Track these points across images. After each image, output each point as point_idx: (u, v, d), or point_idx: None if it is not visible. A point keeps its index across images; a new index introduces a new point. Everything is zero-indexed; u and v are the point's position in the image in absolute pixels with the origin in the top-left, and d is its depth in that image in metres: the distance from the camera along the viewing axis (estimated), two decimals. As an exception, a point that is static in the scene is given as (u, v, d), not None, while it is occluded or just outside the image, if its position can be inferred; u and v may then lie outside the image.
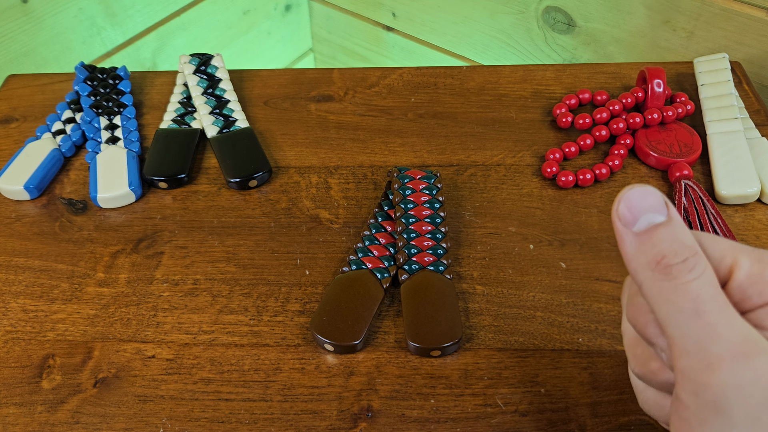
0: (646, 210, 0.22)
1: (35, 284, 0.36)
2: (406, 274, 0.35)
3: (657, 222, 0.22)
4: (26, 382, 0.32)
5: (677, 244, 0.21)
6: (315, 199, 0.41)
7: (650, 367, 0.24)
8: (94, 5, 0.62)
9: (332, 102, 0.48)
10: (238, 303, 0.35)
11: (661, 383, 0.24)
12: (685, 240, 0.21)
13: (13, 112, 0.48)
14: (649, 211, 0.22)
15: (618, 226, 0.22)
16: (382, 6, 0.76)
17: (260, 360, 0.32)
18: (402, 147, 0.44)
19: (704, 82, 0.45)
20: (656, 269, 0.21)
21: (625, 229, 0.22)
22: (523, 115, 0.46)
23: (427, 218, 0.37)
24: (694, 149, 0.41)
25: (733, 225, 0.38)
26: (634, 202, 0.22)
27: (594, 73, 0.49)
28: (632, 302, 0.24)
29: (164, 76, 0.51)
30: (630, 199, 0.22)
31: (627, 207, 0.22)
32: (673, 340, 0.21)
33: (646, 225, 0.22)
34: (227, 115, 0.45)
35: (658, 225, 0.22)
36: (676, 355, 0.21)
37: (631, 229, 0.22)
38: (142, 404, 0.31)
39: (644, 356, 0.25)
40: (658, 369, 0.24)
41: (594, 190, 0.40)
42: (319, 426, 0.30)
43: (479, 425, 0.30)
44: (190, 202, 0.41)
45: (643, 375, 0.25)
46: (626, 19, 0.57)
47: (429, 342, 0.31)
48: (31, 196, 0.41)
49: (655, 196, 0.22)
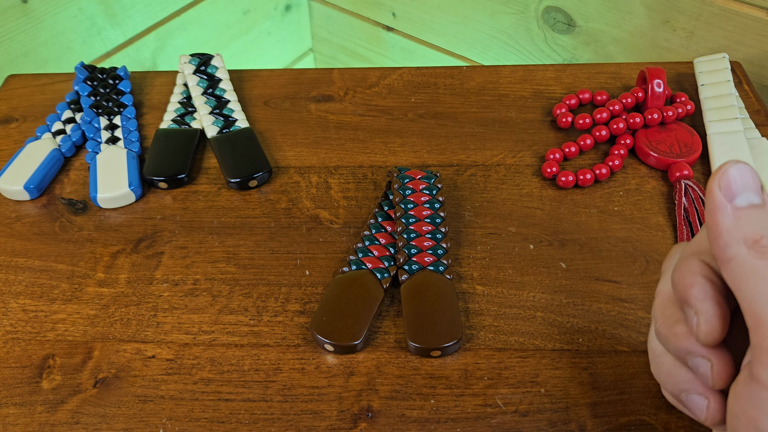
0: (747, 189, 0.22)
1: (35, 284, 0.36)
2: (406, 275, 0.35)
3: (755, 203, 0.22)
4: (26, 383, 0.32)
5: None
6: (315, 199, 0.41)
7: (676, 330, 0.24)
8: (94, 5, 0.62)
9: (332, 102, 0.48)
10: (238, 303, 0.35)
11: (680, 349, 0.24)
12: None
13: (13, 112, 0.48)
14: (750, 190, 0.22)
15: (718, 196, 0.22)
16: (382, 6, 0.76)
17: (260, 360, 0.32)
18: (402, 147, 0.44)
19: (704, 82, 0.45)
20: (753, 246, 0.21)
21: (725, 202, 0.22)
22: (523, 115, 0.46)
23: (427, 218, 0.37)
24: (694, 149, 0.41)
25: (733, 225, 0.38)
26: (738, 178, 0.22)
27: (594, 73, 0.49)
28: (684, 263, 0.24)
29: (164, 76, 0.51)
30: (734, 174, 0.22)
31: (730, 180, 0.22)
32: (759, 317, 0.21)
33: (746, 203, 0.22)
34: (227, 115, 0.45)
35: (757, 205, 0.22)
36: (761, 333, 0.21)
37: (731, 202, 0.22)
38: (142, 404, 0.31)
39: (673, 317, 0.25)
40: (682, 334, 0.24)
41: (594, 190, 0.40)
42: (319, 426, 0.30)
43: (479, 425, 0.30)
44: (190, 202, 0.41)
45: (667, 337, 0.25)
46: (626, 19, 0.57)
47: (429, 342, 0.31)
48: (31, 196, 0.41)
49: (755, 178, 0.22)
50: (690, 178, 0.39)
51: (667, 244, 0.37)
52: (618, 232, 0.38)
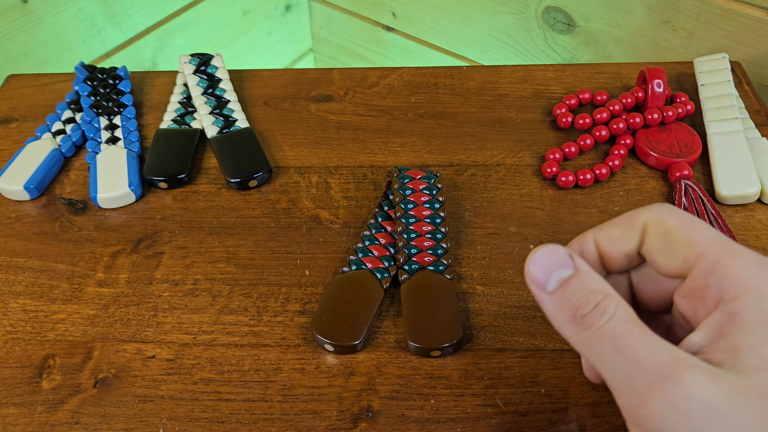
0: (554, 268, 0.23)
1: (35, 284, 0.36)
2: (406, 274, 0.35)
3: (566, 276, 0.23)
4: (26, 382, 0.32)
5: (587, 293, 0.22)
6: (315, 199, 0.41)
7: None
8: (94, 5, 0.62)
9: (332, 102, 0.48)
10: (238, 303, 0.35)
11: None
12: (594, 286, 0.23)
13: (13, 112, 0.48)
14: (557, 268, 0.23)
15: (534, 290, 0.23)
16: (382, 6, 0.76)
17: (260, 360, 0.32)
18: (402, 147, 0.44)
19: (704, 82, 0.45)
20: (574, 322, 0.22)
21: (541, 292, 0.23)
22: (523, 115, 0.46)
23: (427, 218, 0.37)
24: (694, 149, 0.41)
25: (733, 225, 0.38)
26: (542, 264, 0.23)
27: (594, 73, 0.49)
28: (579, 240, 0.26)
29: (164, 76, 0.51)
30: (537, 262, 0.23)
31: (537, 270, 0.23)
32: (608, 383, 0.22)
33: (557, 283, 0.23)
34: (227, 115, 0.45)
35: (567, 279, 0.23)
36: (615, 397, 0.22)
37: (545, 291, 0.23)
38: (142, 404, 0.31)
39: None
40: None
41: (594, 190, 0.40)
42: (319, 426, 0.30)
43: (479, 425, 0.30)
44: (190, 202, 0.41)
45: None
46: (626, 19, 0.57)
47: (429, 342, 0.31)
48: (31, 196, 0.41)
49: (559, 252, 0.23)
50: (690, 178, 0.39)
51: (667, 244, 0.37)
52: (618, 232, 0.38)
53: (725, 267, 0.22)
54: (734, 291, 0.22)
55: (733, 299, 0.22)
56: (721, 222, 0.37)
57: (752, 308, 0.22)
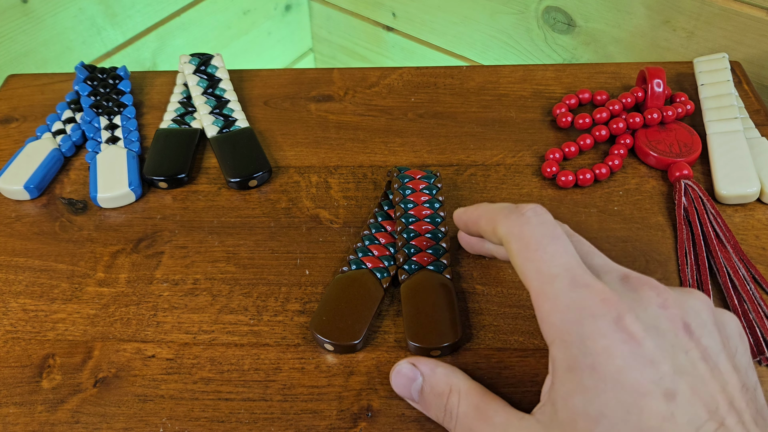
0: (409, 384, 0.28)
1: (35, 284, 0.36)
2: (405, 274, 0.35)
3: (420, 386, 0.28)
4: (26, 382, 0.32)
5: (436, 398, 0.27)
6: (315, 199, 0.41)
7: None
8: (94, 5, 0.63)
9: (332, 102, 0.48)
10: (238, 303, 0.35)
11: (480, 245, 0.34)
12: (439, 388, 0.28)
13: (13, 112, 0.48)
14: (411, 381, 0.28)
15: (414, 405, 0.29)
16: (382, 6, 0.76)
17: (260, 360, 0.32)
18: (402, 147, 0.44)
19: (704, 82, 0.45)
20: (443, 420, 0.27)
21: (417, 404, 0.29)
22: (523, 115, 0.46)
23: (427, 218, 0.37)
24: (694, 149, 0.41)
25: (733, 225, 0.38)
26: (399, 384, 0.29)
27: (594, 73, 0.49)
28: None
29: (164, 76, 0.51)
30: (396, 385, 0.29)
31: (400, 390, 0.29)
32: None
33: (417, 393, 0.28)
34: (227, 115, 0.45)
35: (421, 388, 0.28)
36: None
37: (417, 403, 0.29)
38: (142, 404, 0.31)
39: None
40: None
41: (594, 190, 0.40)
42: (319, 426, 0.30)
43: (479, 425, 0.30)
44: (190, 202, 0.41)
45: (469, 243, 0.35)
46: (626, 19, 0.57)
47: (429, 342, 0.31)
48: (31, 196, 0.41)
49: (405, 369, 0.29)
50: (690, 177, 0.39)
51: (667, 244, 0.37)
52: (618, 231, 0.38)
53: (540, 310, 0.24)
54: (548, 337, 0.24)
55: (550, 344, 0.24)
56: (720, 222, 0.37)
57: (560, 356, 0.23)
